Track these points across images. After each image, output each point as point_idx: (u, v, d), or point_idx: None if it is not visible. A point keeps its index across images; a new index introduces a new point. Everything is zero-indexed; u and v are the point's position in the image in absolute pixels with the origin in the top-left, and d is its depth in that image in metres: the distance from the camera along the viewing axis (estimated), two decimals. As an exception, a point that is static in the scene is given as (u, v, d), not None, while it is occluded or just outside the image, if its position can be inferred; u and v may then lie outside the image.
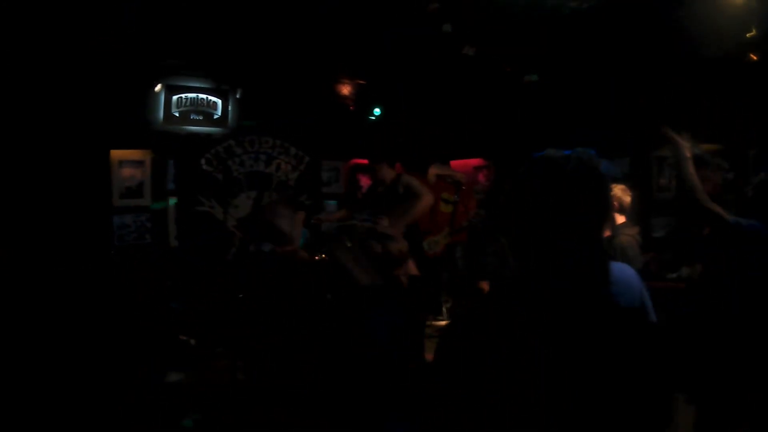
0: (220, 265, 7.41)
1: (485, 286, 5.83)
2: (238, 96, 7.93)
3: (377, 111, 9.00)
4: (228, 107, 7.93)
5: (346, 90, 8.67)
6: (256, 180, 8.54)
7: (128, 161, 7.35)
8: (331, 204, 9.27)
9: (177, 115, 7.50)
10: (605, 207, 1.76)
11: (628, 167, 7.61)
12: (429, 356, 3.56)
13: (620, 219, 5.00)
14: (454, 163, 9.45)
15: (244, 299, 5.66)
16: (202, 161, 8.06)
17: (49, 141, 6.18)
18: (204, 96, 7.72)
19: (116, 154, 7.18)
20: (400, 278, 3.53)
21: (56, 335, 5.41)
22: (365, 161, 9.36)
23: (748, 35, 4.84)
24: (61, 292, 5.84)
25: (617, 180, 6.13)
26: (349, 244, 7.92)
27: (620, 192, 5.06)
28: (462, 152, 9.54)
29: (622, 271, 2.10)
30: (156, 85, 7.23)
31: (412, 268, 3.82)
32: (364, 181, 9.47)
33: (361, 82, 8.61)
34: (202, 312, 6.24)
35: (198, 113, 7.68)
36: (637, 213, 7.38)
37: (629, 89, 6.93)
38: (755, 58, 5.14)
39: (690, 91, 6.29)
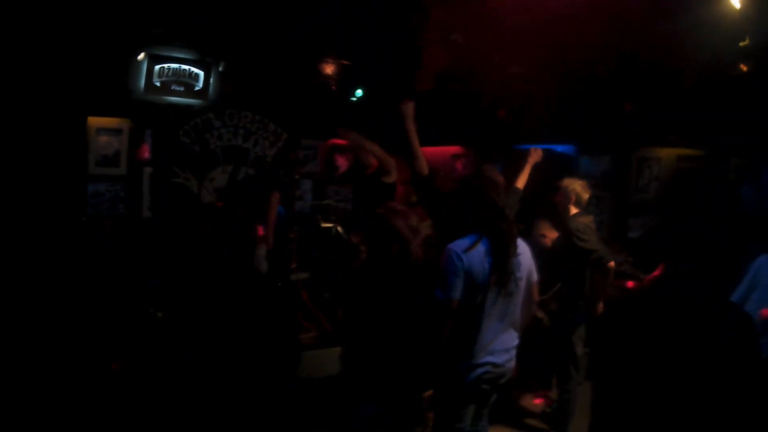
0: (193, 239, 7.34)
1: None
2: (220, 69, 7.83)
3: (359, 92, 8.94)
4: (210, 80, 7.82)
5: (329, 69, 8.60)
6: (233, 154, 8.47)
7: (106, 129, 7.23)
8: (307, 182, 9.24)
9: (158, 84, 7.38)
10: None
11: (608, 165, 7.67)
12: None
13: (574, 210, 5.24)
14: (431, 149, 9.42)
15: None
16: (180, 133, 7.95)
17: (25, 104, 6.05)
18: (186, 67, 7.60)
19: (94, 121, 7.06)
20: (419, 252, 3.53)
21: (25, 305, 5.33)
22: (344, 142, 9.34)
23: (741, 44, 4.89)
24: (30, 259, 5.75)
25: (590, 177, 6.24)
26: (322, 224, 7.92)
27: (579, 187, 5.29)
28: (440, 139, 9.52)
29: (523, 245, 3.44)
30: (139, 54, 7.10)
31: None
32: (341, 162, 9.42)
33: (345, 62, 8.55)
34: (176, 287, 6.19)
35: (179, 84, 7.58)
36: (613, 212, 7.52)
37: (615, 92, 6.98)
38: (745, 68, 5.20)
39: (676, 99, 6.34)
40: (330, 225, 7.83)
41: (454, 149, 9.71)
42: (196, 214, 7.86)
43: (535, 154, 5.14)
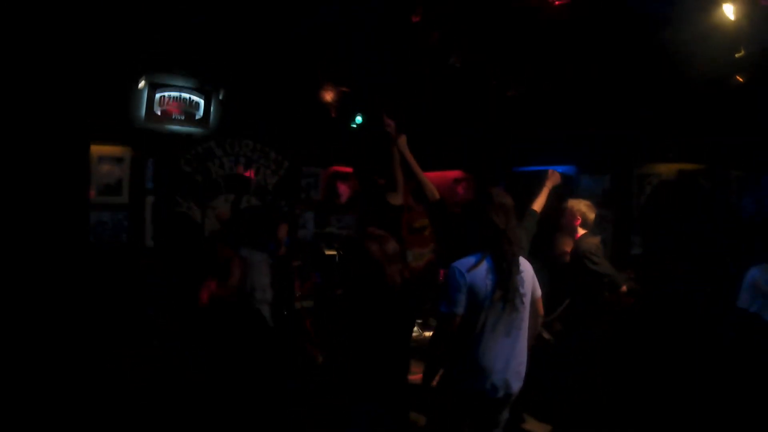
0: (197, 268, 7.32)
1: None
2: (220, 97, 7.88)
3: (359, 119, 8.99)
4: (210, 108, 7.87)
5: (328, 96, 8.66)
6: (235, 183, 8.48)
7: (107, 157, 7.25)
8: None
9: (159, 113, 7.42)
10: None
11: (608, 184, 7.68)
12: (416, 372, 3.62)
13: (581, 231, 5.20)
14: (432, 174, 9.45)
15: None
16: (182, 161, 7.98)
17: (28, 132, 6.07)
18: (187, 95, 7.65)
19: (95, 149, 7.08)
20: (396, 277, 3.56)
21: (27, 332, 5.31)
22: (345, 168, 9.39)
23: (737, 55, 4.92)
24: (33, 287, 5.73)
25: (592, 196, 6.23)
26: (326, 252, 7.93)
27: (585, 208, 5.26)
28: (441, 164, 9.56)
29: (525, 263, 3.59)
30: (140, 82, 7.15)
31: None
32: (343, 189, 9.46)
33: (344, 89, 8.61)
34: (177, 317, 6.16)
35: (180, 112, 7.62)
36: (616, 230, 7.51)
37: (614, 107, 7.00)
38: (741, 80, 5.23)
39: (675, 112, 6.37)
40: (333, 252, 7.84)
41: (455, 174, 9.76)
42: (199, 243, 7.86)
43: (553, 177, 5.16)
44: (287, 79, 7.98)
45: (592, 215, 5.31)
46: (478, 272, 3.48)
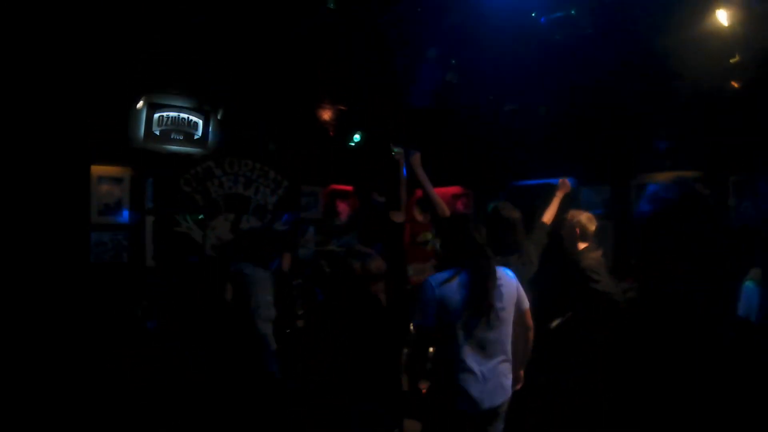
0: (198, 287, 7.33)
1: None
2: (219, 117, 7.91)
3: (357, 137, 9.04)
4: (209, 128, 7.90)
5: (326, 115, 8.72)
6: (235, 202, 8.50)
7: (107, 178, 7.27)
8: (310, 230, 9.28)
9: (157, 133, 7.46)
10: None
11: (608, 195, 7.69)
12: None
13: (582, 245, 5.15)
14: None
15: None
16: (181, 181, 8.00)
17: (28, 153, 6.10)
18: (185, 115, 7.69)
19: (95, 169, 7.09)
20: (379, 295, 3.61)
21: (29, 351, 5.30)
22: (344, 187, 9.41)
23: (732, 61, 4.95)
24: (35, 308, 5.73)
25: (593, 208, 6.23)
26: (327, 269, 7.93)
27: (585, 220, 5.21)
28: (440, 180, 9.59)
29: (506, 273, 3.66)
30: (138, 102, 7.19)
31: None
32: (342, 207, 9.48)
33: (342, 107, 8.67)
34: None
35: (179, 132, 7.65)
36: (616, 240, 7.50)
37: (610, 118, 7.04)
38: (737, 85, 5.26)
39: (671, 118, 6.40)
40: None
41: (454, 189, 9.79)
42: (200, 263, 7.86)
43: (564, 186, 5.17)
44: (286, 98, 8.03)
45: (592, 227, 5.24)
46: (450, 286, 3.52)
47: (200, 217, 7.74)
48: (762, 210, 5.90)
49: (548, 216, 5.07)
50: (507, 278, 3.75)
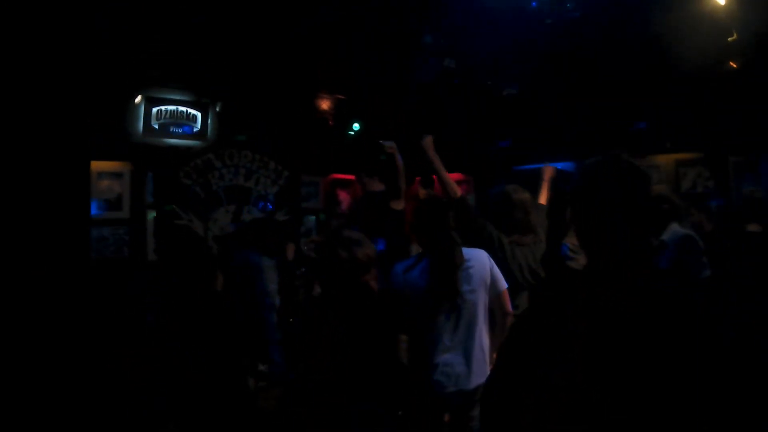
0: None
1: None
2: (217, 109, 7.90)
3: (356, 126, 9.02)
4: (207, 120, 7.89)
5: (325, 105, 8.69)
6: (235, 194, 8.50)
7: (107, 173, 7.28)
8: (311, 219, 9.28)
9: (156, 127, 7.45)
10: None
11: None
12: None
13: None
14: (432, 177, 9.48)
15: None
16: (181, 174, 8.00)
17: (29, 149, 6.09)
18: (184, 108, 7.68)
19: (95, 165, 7.10)
20: (369, 283, 3.53)
21: (30, 347, 5.30)
22: (345, 176, 9.39)
23: (729, 39, 4.93)
24: (36, 303, 5.73)
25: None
26: (313, 256, 7.89)
27: None
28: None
29: (478, 255, 3.61)
30: (136, 97, 7.17)
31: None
32: (343, 196, 9.48)
33: (341, 96, 8.64)
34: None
35: (177, 126, 7.64)
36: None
37: (608, 101, 7.02)
38: (735, 65, 5.23)
39: (671, 100, 6.38)
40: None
41: (455, 176, 9.76)
42: (203, 256, 7.86)
43: (548, 170, 5.19)
44: (284, 88, 8.01)
45: None
46: (413, 273, 3.55)
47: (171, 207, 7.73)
48: (764, 189, 5.91)
49: (542, 199, 5.08)
50: (478, 260, 3.70)
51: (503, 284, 3.79)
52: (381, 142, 5.18)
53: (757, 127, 5.77)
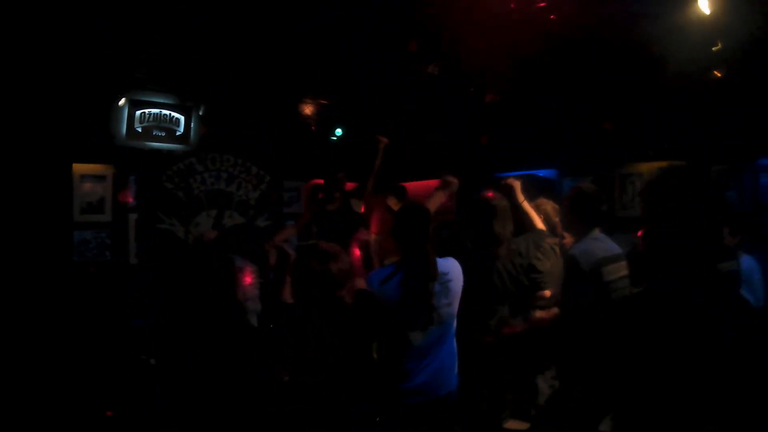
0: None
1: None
2: (200, 113, 7.87)
3: (339, 131, 9.03)
4: (191, 124, 7.86)
5: (308, 110, 8.70)
6: (217, 198, 8.48)
7: (90, 176, 7.22)
8: (291, 223, 9.27)
9: (140, 130, 7.41)
10: None
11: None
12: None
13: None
14: (414, 184, 9.50)
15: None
16: (163, 178, 7.97)
17: (10, 152, 6.06)
18: (167, 112, 7.64)
19: (77, 167, 7.05)
20: (344, 299, 3.48)
21: (13, 350, 5.26)
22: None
23: (714, 49, 4.99)
24: (19, 306, 5.69)
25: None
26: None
27: (550, 209, 5.20)
28: (422, 174, 9.61)
29: (454, 266, 3.53)
30: (120, 100, 7.13)
31: (360, 282, 3.77)
32: (325, 201, 9.47)
33: (324, 102, 8.65)
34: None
35: (161, 129, 7.60)
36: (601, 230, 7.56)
37: (592, 107, 7.08)
38: (719, 75, 5.31)
39: (653, 108, 6.46)
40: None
41: (437, 182, 9.77)
42: (184, 259, 7.83)
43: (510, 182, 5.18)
44: (267, 93, 8.00)
45: (555, 218, 5.25)
46: (389, 284, 3.47)
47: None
48: (745, 198, 6.00)
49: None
50: (455, 272, 3.66)
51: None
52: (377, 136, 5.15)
53: (740, 136, 5.86)
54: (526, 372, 4.68)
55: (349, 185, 8.64)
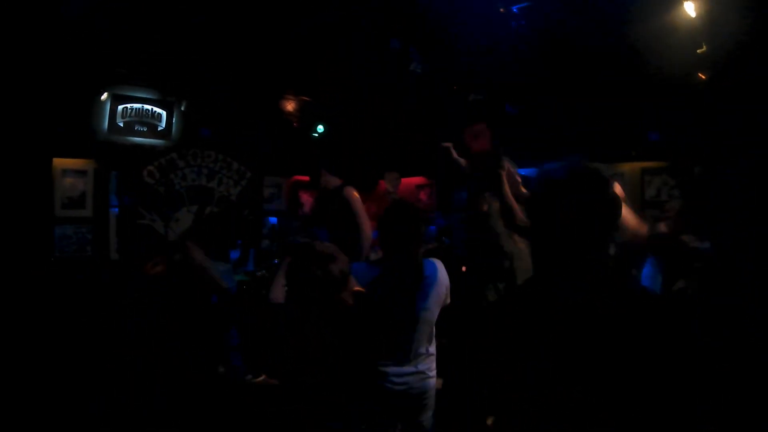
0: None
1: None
2: (182, 108, 7.84)
3: (320, 128, 9.03)
4: (172, 119, 7.82)
5: (290, 106, 8.69)
6: (198, 194, 8.44)
7: (71, 170, 7.17)
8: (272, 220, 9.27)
9: (121, 125, 7.36)
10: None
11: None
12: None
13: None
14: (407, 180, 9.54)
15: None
16: (144, 173, 7.92)
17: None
18: (149, 107, 7.60)
19: (59, 162, 6.99)
20: (345, 300, 3.37)
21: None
22: (307, 178, 9.38)
23: (698, 51, 5.05)
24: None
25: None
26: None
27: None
28: (404, 171, 9.63)
29: (437, 268, 3.49)
30: (102, 94, 7.08)
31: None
32: (305, 198, 9.47)
33: (306, 98, 8.65)
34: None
35: (142, 124, 7.57)
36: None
37: (575, 108, 7.15)
38: (703, 77, 5.38)
39: (636, 109, 6.53)
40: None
41: (418, 180, 9.84)
42: (163, 254, 7.78)
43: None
44: (250, 89, 7.98)
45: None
46: (370, 285, 3.38)
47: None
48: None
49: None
50: (438, 275, 3.57)
51: (449, 299, 3.69)
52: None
53: (723, 137, 5.94)
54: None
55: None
